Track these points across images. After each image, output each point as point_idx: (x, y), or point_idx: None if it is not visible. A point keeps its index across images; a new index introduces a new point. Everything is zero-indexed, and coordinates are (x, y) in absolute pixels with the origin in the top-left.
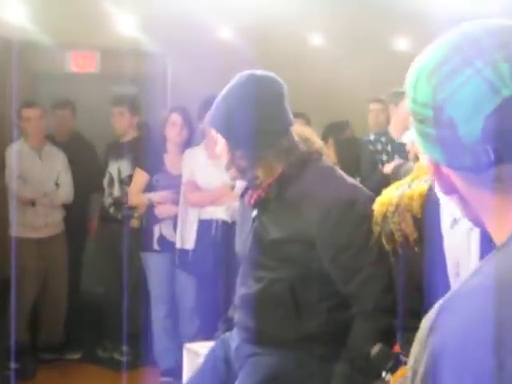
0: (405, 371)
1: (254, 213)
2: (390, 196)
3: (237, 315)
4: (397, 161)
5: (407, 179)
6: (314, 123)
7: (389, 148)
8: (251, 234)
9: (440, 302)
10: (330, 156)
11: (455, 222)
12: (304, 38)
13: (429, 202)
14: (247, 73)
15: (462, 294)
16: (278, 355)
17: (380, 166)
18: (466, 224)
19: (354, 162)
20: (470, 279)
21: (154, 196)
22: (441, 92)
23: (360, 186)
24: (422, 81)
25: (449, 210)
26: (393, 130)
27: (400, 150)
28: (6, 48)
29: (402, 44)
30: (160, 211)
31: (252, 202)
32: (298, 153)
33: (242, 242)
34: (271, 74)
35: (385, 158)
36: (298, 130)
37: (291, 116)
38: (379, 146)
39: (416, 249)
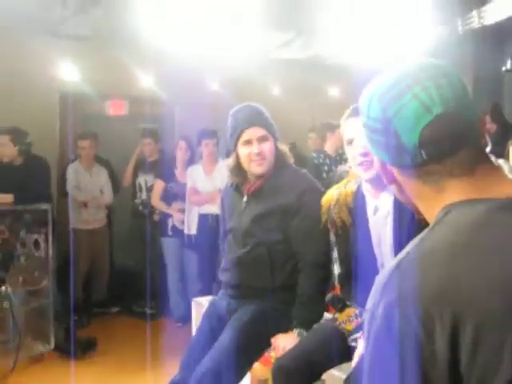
0: (349, 312)
1: (245, 198)
2: (331, 194)
3: (225, 277)
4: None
5: (343, 182)
6: None
7: (327, 161)
8: (244, 212)
9: (391, 264)
10: None
11: (376, 209)
12: (268, 89)
13: (358, 197)
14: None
15: (409, 258)
16: (259, 303)
17: (323, 174)
18: (383, 211)
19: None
20: (415, 248)
21: (166, 208)
22: (389, 110)
23: (315, 180)
24: (374, 101)
25: (371, 202)
26: (329, 149)
27: (335, 162)
28: (64, 98)
29: (333, 91)
30: (173, 211)
31: (251, 190)
32: (280, 159)
33: (234, 220)
34: None
35: (326, 168)
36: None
37: None
38: (320, 160)
39: (350, 230)
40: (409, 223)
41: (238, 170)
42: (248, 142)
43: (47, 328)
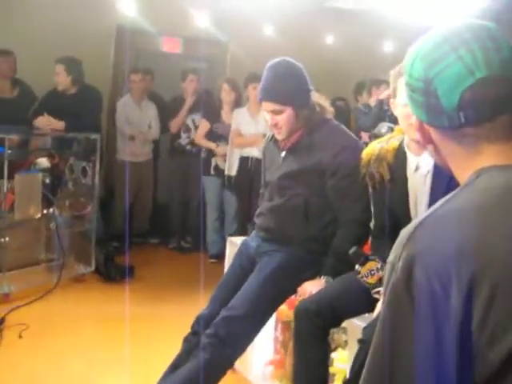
0: (370, 265)
1: (283, 153)
2: (373, 148)
3: (260, 220)
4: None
5: (386, 137)
6: None
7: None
8: (280, 168)
9: (417, 219)
10: None
11: (417, 168)
12: (321, 38)
13: (399, 154)
14: (276, 60)
15: (435, 215)
16: (287, 251)
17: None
18: (424, 170)
19: None
20: (442, 206)
21: (212, 144)
22: (431, 71)
23: (355, 137)
24: (418, 60)
25: (413, 160)
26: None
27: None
28: (121, 32)
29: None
30: (219, 151)
31: (287, 146)
32: (318, 114)
33: (272, 172)
34: (290, 59)
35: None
36: (316, 98)
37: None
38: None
39: (388, 186)
40: (447, 184)
41: None
42: (266, 111)
43: (89, 251)
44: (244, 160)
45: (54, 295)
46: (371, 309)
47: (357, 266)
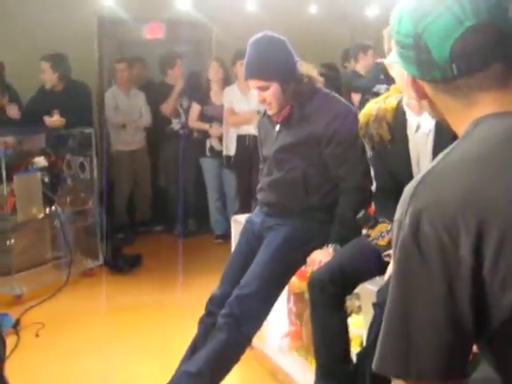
0: (380, 227)
1: (277, 127)
2: (371, 108)
3: (261, 196)
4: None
5: (382, 97)
6: None
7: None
8: (276, 142)
9: (419, 175)
10: None
11: (418, 127)
12: (304, 8)
13: (398, 113)
14: (257, 35)
15: (437, 169)
16: (291, 224)
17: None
18: (425, 128)
19: None
20: (443, 160)
21: (205, 126)
22: (419, 25)
23: (346, 103)
24: (406, 16)
25: (413, 119)
26: (361, 69)
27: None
28: (101, 23)
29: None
30: (212, 131)
31: (280, 119)
32: (307, 84)
33: (268, 148)
34: (272, 33)
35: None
36: (304, 67)
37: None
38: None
39: (389, 146)
40: (450, 142)
41: None
42: (252, 88)
43: (95, 245)
44: (241, 138)
45: (65, 292)
46: (383, 271)
47: (365, 230)
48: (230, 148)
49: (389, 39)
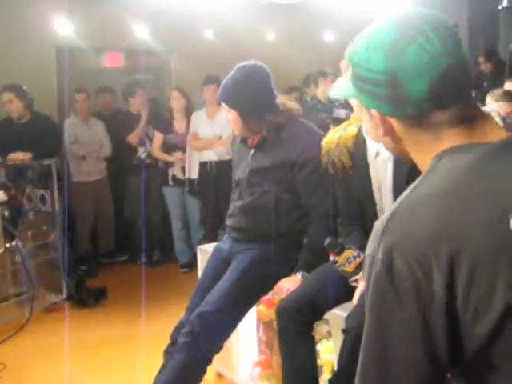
0: (347, 254)
1: (252, 151)
2: (332, 137)
3: (231, 221)
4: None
5: (343, 125)
6: None
7: (319, 107)
8: (249, 165)
9: (388, 211)
10: None
11: (378, 154)
12: (263, 35)
13: (358, 141)
14: (245, 63)
15: (405, 205)
16: (260, 248)
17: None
18: (384, 155)
19: None
20: (410, 195)
21: (168, 157)
22: (392, 62)
23: (321, 133)
24: (378, 53)
25: (372, 146)
26: (321, 95)
27: (327, 108)
28: (59, 53)
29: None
30: (175, 160)
31: (254, 143)
32: (283, 113)
33: (241, 171)
34: (261, 64)
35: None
36: (282, 99)
37: (275, 91)
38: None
39: (350, 173)
40: (409, 168)
41: None
42: None
43: (58, 279)
44: (203, 165)
45: (28, 329)
46: (350, 297)
47: (332, 257)
48: (193, 172)
49: (346, 70)
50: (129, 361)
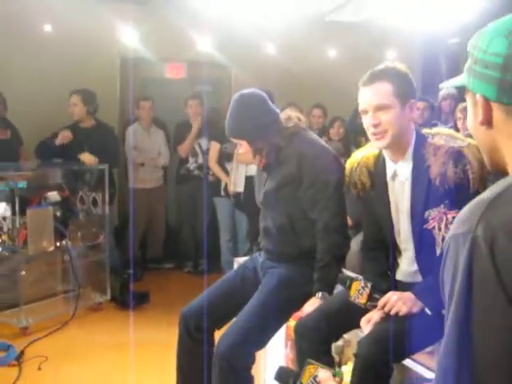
0: (356, 286)
1: (265, 175)
2: (355, 157)
3: (261, 241)
4: None
5: (368, 145)
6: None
7: None
8: (263, 188)
9: (487, 194)
10: None
11: (395, 175)
12: (323, 51)
13: (379, 161)
14: (236, 94)
15: (500, 198)
16: (286, 268)
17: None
18: (402, 177)
19: None
20: (505, 190)
21: (222, 174)
22: (510, 47)
23: (327, 146)
24: (500, 37)
25: (391, 166)
26: None
27: None
28: (124, 62)
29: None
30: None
31: (261, 166)
32: (284, 131)
33: (259, 195)
34: (253, 90)
35: None
36: (286, 113)
37: (276, 110)
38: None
39: (371, 193)
40: (427, 190)
41: None
42: None
43: (104, 280)
44: (249, 179)
45: (72, 326)
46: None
47: (347, 291)
48: (238, 185)
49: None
50: (163, 365)
